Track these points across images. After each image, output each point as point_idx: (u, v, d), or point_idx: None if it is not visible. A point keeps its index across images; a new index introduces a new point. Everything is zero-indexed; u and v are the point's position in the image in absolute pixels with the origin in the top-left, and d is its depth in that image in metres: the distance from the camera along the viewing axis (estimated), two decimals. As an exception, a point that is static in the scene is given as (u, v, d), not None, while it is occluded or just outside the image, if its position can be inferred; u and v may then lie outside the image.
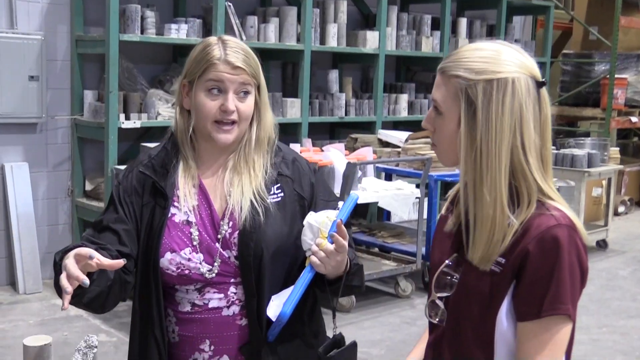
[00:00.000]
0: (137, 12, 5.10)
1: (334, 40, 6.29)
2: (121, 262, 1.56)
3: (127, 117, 5.11)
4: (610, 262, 6.62)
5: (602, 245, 7.10)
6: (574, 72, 9.48)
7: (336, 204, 1.81)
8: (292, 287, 1.74)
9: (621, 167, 7.55)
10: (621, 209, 8.82)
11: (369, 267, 5.16)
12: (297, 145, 5.51)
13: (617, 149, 7.74)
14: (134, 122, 5.12)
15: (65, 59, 5.39)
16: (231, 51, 1.75)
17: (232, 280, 1.78)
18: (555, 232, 1.36)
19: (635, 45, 9.43)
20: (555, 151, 6.83)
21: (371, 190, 5.14)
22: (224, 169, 1.84)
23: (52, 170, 5.45)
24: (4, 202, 5.23)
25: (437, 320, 1.51)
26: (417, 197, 5.31)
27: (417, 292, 5.40)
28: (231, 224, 1.78)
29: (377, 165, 5.69)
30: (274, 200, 1.81)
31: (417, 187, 5.34)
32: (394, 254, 5.59)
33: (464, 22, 7.55)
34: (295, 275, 1.79)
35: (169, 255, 1.76)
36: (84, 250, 1.53)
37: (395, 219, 6.44)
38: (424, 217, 5.35)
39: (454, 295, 1.48)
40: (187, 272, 1.76)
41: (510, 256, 1.39)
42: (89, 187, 5.50)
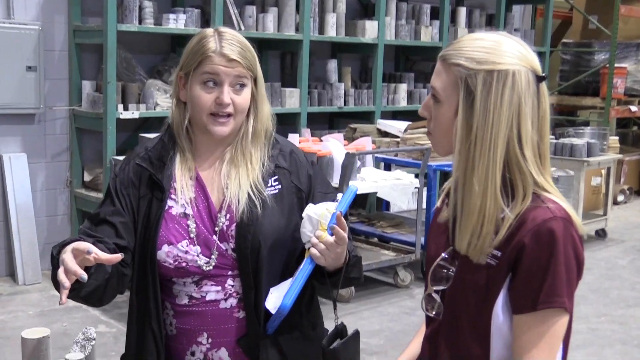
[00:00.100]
0: (135, 2, 5.08)
1: (333, 29, 6.27)
2: (119, 256, 1.56)
3: (125, 108, 5.10)
4: (609, 252, 6.62)
5: (601, 234, 7.09)
6: (573, 61, 9.46)
7: (334, 196, 1.80)
8: (292, 280, 1.73)
9: (620, 156, 7.54)
10: (620, 198, 8.83)
11: (368, 257, 5.17)
12: (296, 135, 5.50)
13: (617, 138, 7.74)
14: (132, 113, 5.11)
15: (63, 49, 5.37)
16: (227, 43, 1.74)
17: (229, 272, 1.78)
18: (551, 224, 1.36)
19: (635, 34, 9.40)
20: (554, 140, 6.82)
21: (370, 180, 5.14)
22: (221, 161, 1.83)
23: (50, 161, 5.45)
24: (2, 193, 5.23)
25: (433, 313, 1.51)
26: (416, 187, 5.31)
27: (416, 282, 5.41)
28: (228, 216, 1.77)
29: (376, 155, 5.69)
30: (272, 192, 1.80)
31: (416, 177, 5.33)
32: (393, 244, 5.60)
33: (463, 11, 7.53)
34: (292, 267, 1.79)
35: (166, 247, 1.75)
36: (82, 244, 1.53)
37: (394, 209, 6.44)
38: (423, 207, 5.35)
39: (450, 288, 1.48)
40: (184, 264, 1.76)
41: (506, 249, 1.38)
42: (87, 177, 5.50)
